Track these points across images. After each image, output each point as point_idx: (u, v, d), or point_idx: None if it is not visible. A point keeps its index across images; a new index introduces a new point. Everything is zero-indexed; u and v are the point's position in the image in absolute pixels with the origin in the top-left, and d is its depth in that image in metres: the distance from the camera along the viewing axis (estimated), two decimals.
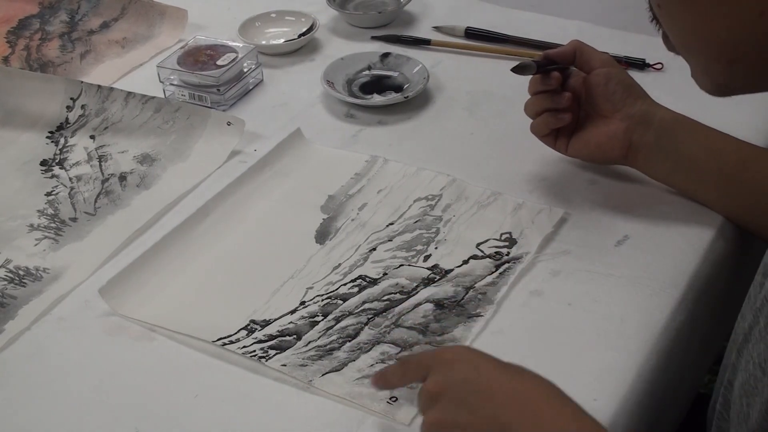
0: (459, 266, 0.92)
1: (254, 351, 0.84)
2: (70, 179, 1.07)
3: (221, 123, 1.10)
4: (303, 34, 1.28)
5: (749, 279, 0.76)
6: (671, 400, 0.88)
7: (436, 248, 0.94)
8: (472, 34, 1.28)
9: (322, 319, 0.87)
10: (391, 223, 0.98)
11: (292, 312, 0.88)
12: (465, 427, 0.69)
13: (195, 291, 0.91)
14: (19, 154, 1.12)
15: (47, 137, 1.14)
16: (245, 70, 1.19)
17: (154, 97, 1.14)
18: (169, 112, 1.12)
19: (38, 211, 1.03)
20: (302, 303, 0.89)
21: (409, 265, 0.92)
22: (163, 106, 1.13)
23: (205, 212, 0.99)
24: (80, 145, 1.12)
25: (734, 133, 0.94)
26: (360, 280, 0.91)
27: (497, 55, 1.24)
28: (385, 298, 0.89)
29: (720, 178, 0.93)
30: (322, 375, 0.81)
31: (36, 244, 0.98)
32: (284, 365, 0.83)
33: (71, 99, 1.16)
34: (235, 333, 0.86)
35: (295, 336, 0.85)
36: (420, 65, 1.19)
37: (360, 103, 1.15)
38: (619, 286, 0.88)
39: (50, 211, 1.03)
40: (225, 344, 0.85)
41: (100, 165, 1.09)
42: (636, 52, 1.19)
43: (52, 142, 1.13)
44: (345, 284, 0.91)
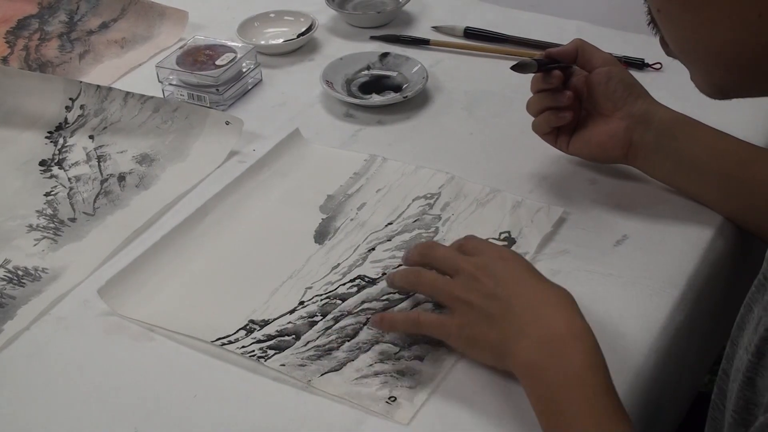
0: None
1: (253, 351, 0.84)
2: (69, 179, 1.07)
3: (220, 122, 1.10)
4: (302, 34, 1.28)
5: (749, 279, 0.76)
6: (670, 400, 0.88)
7: None
8: (471, 34, 1.28)
9: (321, 319, 0.87)
10: (390, 223, 0.98)
11: (291, 312, 0.88)
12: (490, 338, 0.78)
13: (194, 291, 0.91)
14: (18, 154, 1.12)
15: (46, 137, 1.14)
16: (244, 70, 1.19)
17: (152, 97, 1.14)
18: (168, 112, 1.12)
19: (37, 211, 1.03)
20: (301, 303, 0.89)
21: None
22: (162, 105, 1.13)
23: (204, 212, 0.99)
24: (79, 145, 1.12)
25: (734, 133, 0.94)
26: (359, 280, 0.91)
27: (496, 55, 1.24)
28: (384, 297, 0.89)
29: (720, 178, 0.93)
30: (321, 375, 0.81)
31: (35, 245, 0.98)
32: (283, 365, 0.83)
33: (70, 99, 1.16)
34: (234, 333, 0.86)
35: (294, 336, 0.85)
36: (419, 65, 1.19)
37: (359, 103, 1.15)
38: (618, 286, 0.88)
39: (49, 211, 1.03)
40: (224, 344, 0.85)
41: (99, 165, 1.09)
42: (635, 52, 1.19)
43: (51, 142, 1.13)
44: (344, 284, 0.91)
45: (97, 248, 0.97)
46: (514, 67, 0.94)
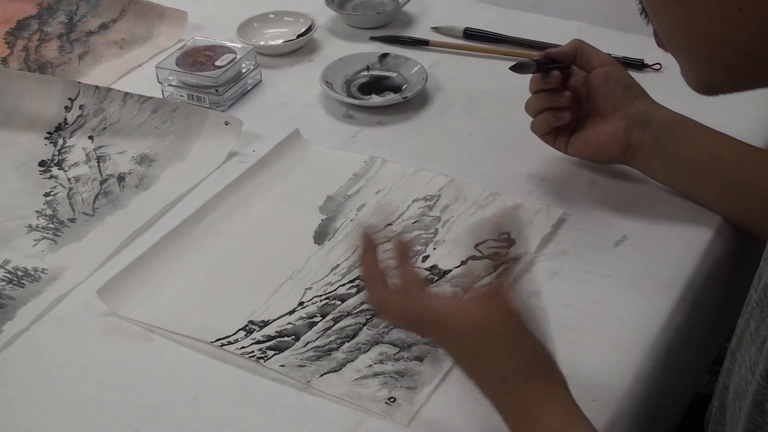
0: (457, 267, 0.92)
1: (253, 352, 0.84)
2: (68, 180, 1.07)
3: (219, 123, 1.10)
4: (301, 35, 1.28)
5: (748, 279, 0.76)
6: (669, 401, 0.88)
7: (434, 249, 0.94)
8: (470, 34, 1.28)
9: (321, 320, 0.87)
10: (390, 224, 0.98)
11: (291, 313, 0.88)
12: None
13: (193, 292, 0.91)
14: (17, 155, 1.12)
15: (46, 138, 1.14)
16: (244, 70, 1.19)
17: (151, 98, 1.14)
18: (167, 112, 1.12)
19: (37, 211, 1.03)
20: (301, 304, 0.89)
21: None
22: (161, 106, 1.13)
23: (204, 213, 0.99)
24: (79, 145, 1.12)
25: (734, 133, 0.94)
26: (358, 281, 0.91)
27: (496, 56, 1.24)
28: None
29: (718, 179, 0.93)
30: (321, 375, 0.81)
31: (34, 245, 0.98)
32: (283, 366, 0.83)
33: (69, 99, 1.16)
34: (234, 333, 0.86)
35: (293, 337, 0.85)
36: (418, 66, 1.19)
37: (358, 104, 1.15)
38: (617, 287, 0.88)
39: (49, 211, 1.03)
40: (223, 345, 0.85)
41: (98, 166, 1.09)
42: (634, 52, 1.19)
43: (50, 142, 1.13)
44: (343, 285, 0.91)
45: (97, 249, 0.97)
46: (513, 68, 0.94)
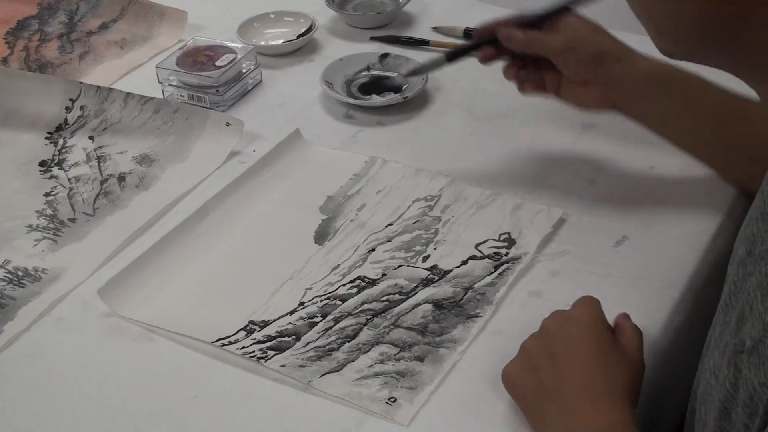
0: (458, 267, 0.92)
1: (253, 352, 0.84)
2: (69, 180, 1.07)
3: (220, 124, 1.10)
4: (302, 35, 1.28)
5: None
6: (670, 401, 0.88)
7: (435, 249, 0.94)
8: (470, 34, 1.28)
9: (321, 320, 0.87)
10: (390, 224, 0.98)
11: (291, 313, 0.88)
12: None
13: (194, 292, 0.91)
14: (18, 155, 1.12)
15: (46, 138, 1.14)
16: (244, 70, 1.20)
17: (153, 98, 1.14)
18: (168, 113, 1.12)
19: (37, 211, 1.03)
20: (301, 304, 0.89)
21: (408, 266, 0.92)
22: (162, 106, 1.13)
23: (204, 213, 0.99)
24: (79, 145, 1.12)
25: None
26: (359, 281, 0.91)
27: None
28: (384, 298, 0.89)
29: (706, 127, 0.94)
30: (321, 375, 0.82)
31: (35, 245, 0.98)
32: (283, 366, 0.83)
33: (70, 100, 1.16)
34: (234, 334, 0.86)
35: (294, 337, 0.86)
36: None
37: (359, 104, 1.15)
38: (618, 287, 0.88)
39: (49, 211, 1.03)
40: (224, 345, 0.85)
41: (99, 166, 1.09)
42: None
43: (51, 142, 1.13)
44: (344, 285, 0.91)
45: (97, 249, 0.97)
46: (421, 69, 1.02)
